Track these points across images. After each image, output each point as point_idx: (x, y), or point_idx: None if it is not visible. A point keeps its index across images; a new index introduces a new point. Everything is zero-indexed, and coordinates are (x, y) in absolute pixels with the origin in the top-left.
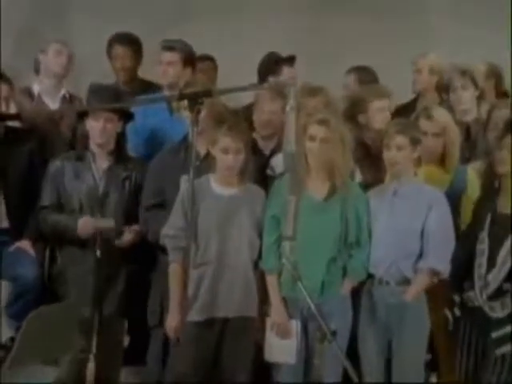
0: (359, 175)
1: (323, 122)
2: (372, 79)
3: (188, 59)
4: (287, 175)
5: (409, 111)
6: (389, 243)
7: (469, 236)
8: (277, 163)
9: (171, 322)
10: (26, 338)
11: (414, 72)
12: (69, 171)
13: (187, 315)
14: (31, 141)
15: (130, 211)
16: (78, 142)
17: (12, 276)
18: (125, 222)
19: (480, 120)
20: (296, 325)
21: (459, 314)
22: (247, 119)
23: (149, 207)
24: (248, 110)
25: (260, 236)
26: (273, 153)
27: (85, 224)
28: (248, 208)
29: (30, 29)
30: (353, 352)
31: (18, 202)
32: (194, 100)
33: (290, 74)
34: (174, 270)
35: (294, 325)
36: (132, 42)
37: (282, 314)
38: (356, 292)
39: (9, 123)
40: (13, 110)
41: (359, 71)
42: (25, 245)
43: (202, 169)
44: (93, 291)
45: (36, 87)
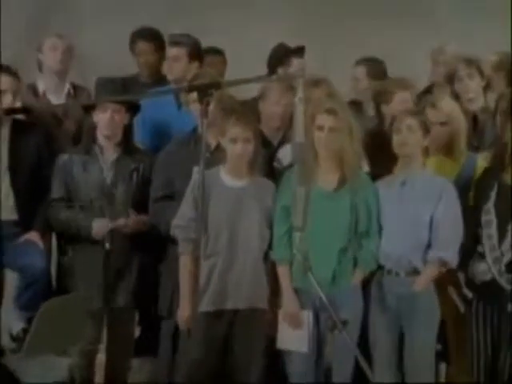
0: (366, 166)
1: (331, 111)
2: (381, 70)
3: (194, 53)
4: (296, 166)
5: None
6: (398, 234)
7: (473, 210)
8: (284, 155)
9: (182, 313)
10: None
11: (432, 64)
12: (77, 164)
13: (198, 306)
14: (39, 134)
15: (138, 202)
16: (86, 135)
17: (20, 267)
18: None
19: (487, 109)
20: (308, 315)
21: (471, 296)
22: (255, 111)
23: (158, 199)
24: (256, 102)
25: (270, 227)
26: (280, 145)
27: (100, 226)
28: (258, 199)
29: (35, 25)
30: (365, 342)
31: (27, 195)
32: (203, 92)
33: (300, 66)
34: (185, 261)
35: (306, 315)
36: (155, 37)
37: (294, 305)
38: (366, 283)
39: (16, 116)
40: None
41: (368, 63)
42: (33, 236)
43: (213, 161)
44: (103, 283)
45: (41, 85)
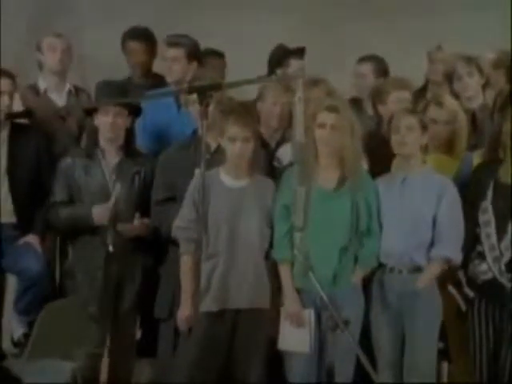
0: (365, 165)
1: (333, 109)
2: (385, 69)
3: (193, 54)
4: (296, 166)
5: (418, 100)
6: (400, 232)
7: (470, 208)
8: (283, 155)
9: (183, 313)
10: (42, 332)
11: (428, 62)
12: (79, 167)
13: (199, 307)
14: (38, 137)
15: (140, 206)
16: (87, 138)
17: (18, 270)
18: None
19: (486, 107)
20: (310, 314)
21: (472, 295)
22: (255, 111)
23: (159, 201)
24: (255, 103)
25: (271, 226)
26: (278, 145)
27: (101, 211)
28: (258, 199)
29: (35, 25)
30: (367, 341)
31: (25, 198)
32: (203, 93)
33: (299, 66)
34: (186, 262)
35: (308, 314)
36: (146, 37)
37: (296, 304)
38: (367, 281)
39: (16, 120)
40: (17, 106)
41: (374, 60)
42: (32, 239)
43: (213, 162)
44: (105, 286)
45: (42, 84)
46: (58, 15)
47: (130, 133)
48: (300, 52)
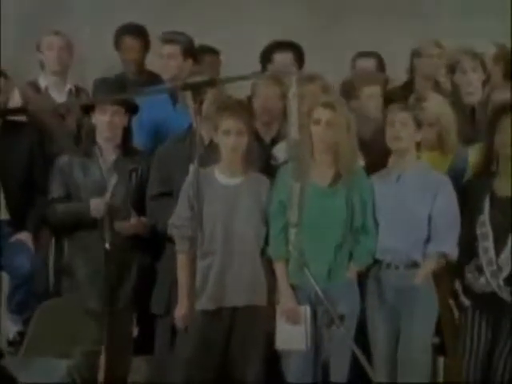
0: (362, 161)
1: (328, 105)
2: (384, 65)
3: (188, 50)
4: (291, 162)
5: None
6: (396, 228)
7: (466, 219)
8: (279, 152)
9: (180, 311)
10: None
11: (416, 57)
12: (76, 165)
13: (195, 304)
14: (32, 134)
15: (137, 204)
16: (85, 137)
17: (9, 268)
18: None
19: (486, 102)
20: (305, 310)
21: (468, 304)
22: (250, 107)
23: (154, 196)
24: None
25: (266, 224)
26: (273, 141)
27: (98, 203)
28: (252, 195)
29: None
30: (363, 337)
31: (18, 195)
32: (198, 90)
33: (283, 61)
34: (182, 260)
35: (304, 310)
36: (140, 33)
37: (292, 301)
38: (363, 277)
39: (8, 118)
40: (14, 103)
41: (375, 56)
42: (24, 237)
43: (208, 157)
44: (102, 283)
45: (42, 82)
46: (58, 15)
47: (127, 131)
48: (283, 46)
